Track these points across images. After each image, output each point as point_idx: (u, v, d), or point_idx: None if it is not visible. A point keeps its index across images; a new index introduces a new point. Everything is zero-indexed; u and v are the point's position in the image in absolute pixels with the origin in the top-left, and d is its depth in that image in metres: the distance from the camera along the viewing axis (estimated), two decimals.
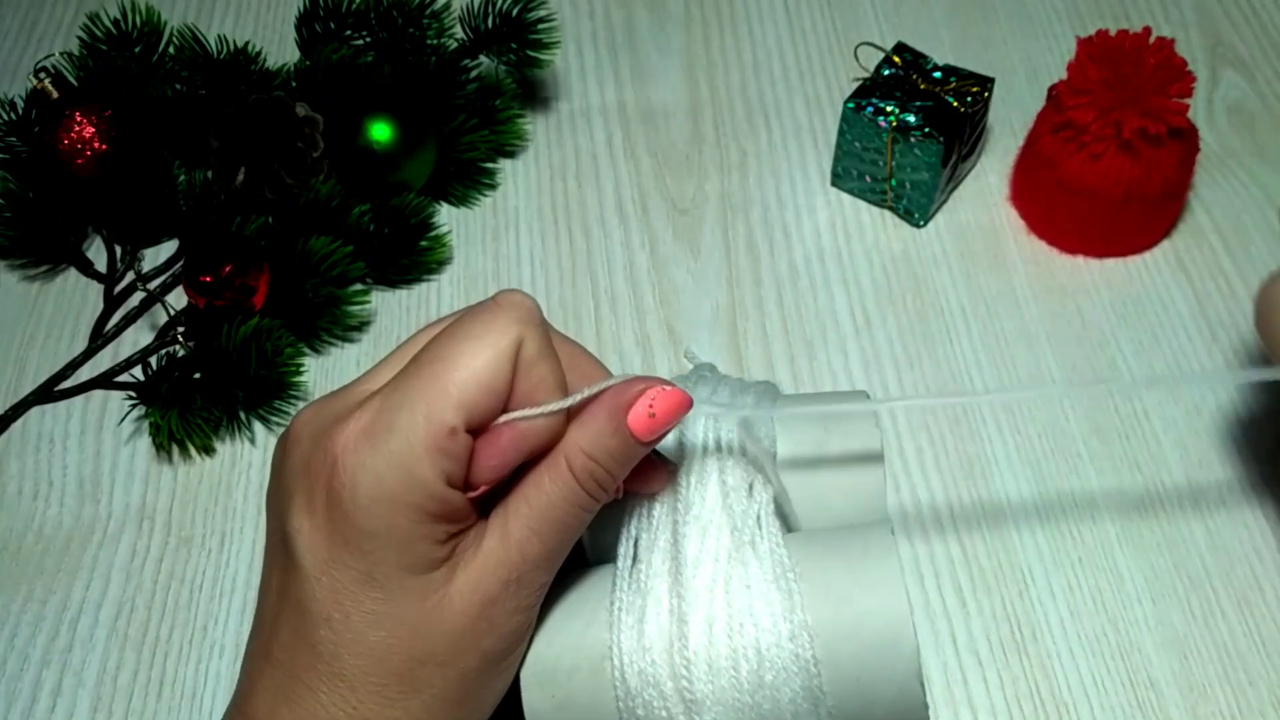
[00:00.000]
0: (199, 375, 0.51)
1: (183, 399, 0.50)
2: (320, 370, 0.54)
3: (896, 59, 0.57)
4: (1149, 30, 0.52)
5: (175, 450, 0.51)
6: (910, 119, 0.54)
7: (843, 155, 0.58)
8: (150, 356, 0.53)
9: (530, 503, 0.34)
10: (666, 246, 0.58)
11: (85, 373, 0.54)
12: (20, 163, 0.58)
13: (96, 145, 0.55)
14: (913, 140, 0.54)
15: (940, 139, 0.53)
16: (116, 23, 0.60)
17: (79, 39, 0.60)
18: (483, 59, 0.61)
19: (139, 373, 0.53)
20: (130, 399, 0.51)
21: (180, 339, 0.52)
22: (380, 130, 0.55)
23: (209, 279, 0.51)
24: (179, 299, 0.54)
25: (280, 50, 0.65)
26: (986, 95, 0.55)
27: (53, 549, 0.49)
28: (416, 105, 0.57)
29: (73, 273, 0.58)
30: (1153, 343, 0.53)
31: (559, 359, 0.35)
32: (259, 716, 0.34)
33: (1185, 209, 0.57)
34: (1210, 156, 0.59)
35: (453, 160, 0.59)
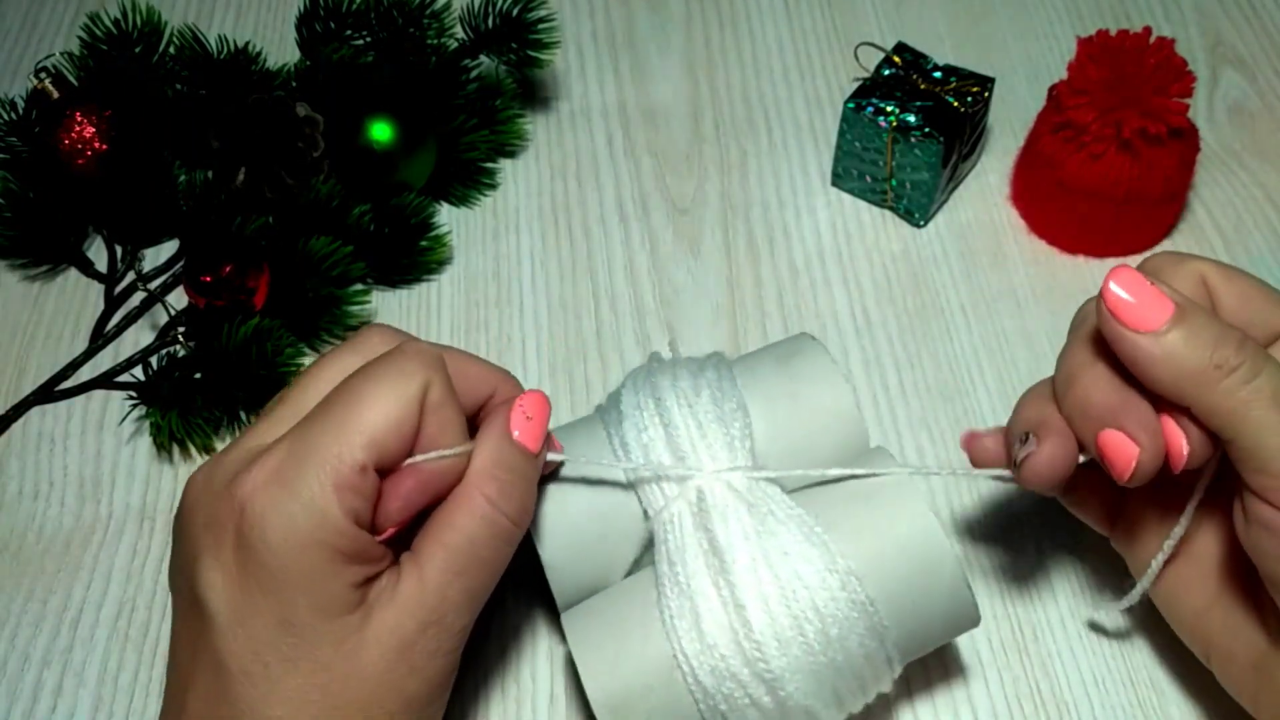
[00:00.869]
0: (199, 375, 0.51)
1: (183, 399, 0.50)
2: None
3: (896, 59, 0.57)
4: (1149, 30, 0.52)
5: (176, 450, 0.51)
6: (910, 119, 0.54)
7: (843, 155, 0.58)
8: (151, 356, 0.53)
9: (446, 545, 0.35)
10: (666, 246, 0.58)
11: (86, 373, 0.54)
12: (21, 163, 0.58)
13: (97, 145, 0.55)
14: (913, 140, 0.54)
15: (940, 139, 0.53)
16: (117, 23, 0.59)
17: (79, 39, 0.60)
18: (483, 59, 0.61)
19: (139, 373, 0.53)
20: (131, 399, 0.51)
21: (181, 339, 0.52)
22: (380, 130, 0.55)
23: (209, 279, 0.51)
24: (179, 299, 0.54)
25: (280, 50, 0.65)
26: (986, 95, 0.55)
27: (53, 549, 0.49)
28: (416, 105, 0.57)
29: (73, 273, 0.58)
30: None
31: (459, 405, 0.36)
32: None
33: (1185, 209, 0.57)
34: (1210, 156, 0.59)
35: (453, 160, 0.59)
